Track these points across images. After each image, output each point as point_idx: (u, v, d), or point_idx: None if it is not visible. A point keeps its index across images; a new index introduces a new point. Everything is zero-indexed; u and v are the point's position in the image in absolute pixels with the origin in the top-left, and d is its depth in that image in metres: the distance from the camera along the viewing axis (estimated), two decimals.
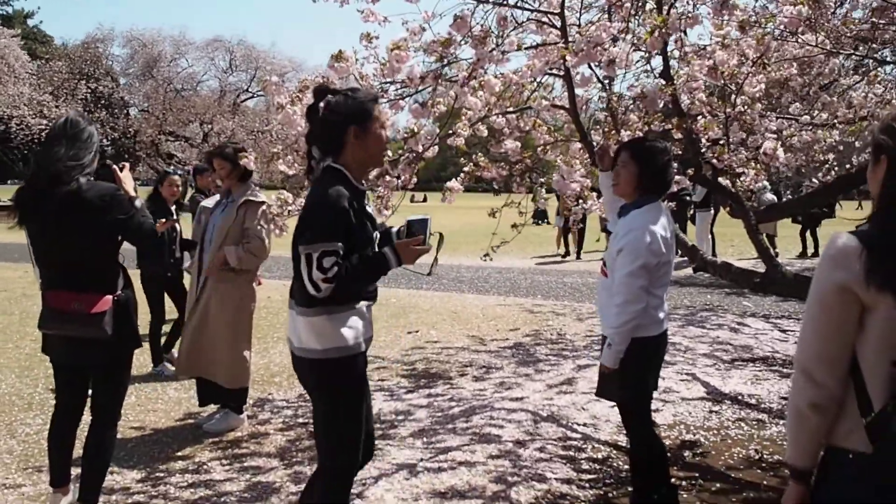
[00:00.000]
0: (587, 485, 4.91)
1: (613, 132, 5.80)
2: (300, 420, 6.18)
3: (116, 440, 4.42)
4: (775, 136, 6.11)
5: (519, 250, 19.27)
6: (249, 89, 46.78)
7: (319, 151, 3.40)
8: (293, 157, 5.27)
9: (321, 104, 3.38)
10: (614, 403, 6.42)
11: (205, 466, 5.20)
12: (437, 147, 5.63)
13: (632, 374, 4.01)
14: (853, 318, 2.18)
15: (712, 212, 16.66)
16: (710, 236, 16.88)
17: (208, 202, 6.39)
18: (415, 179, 5.59)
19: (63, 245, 4.02)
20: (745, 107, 5.76)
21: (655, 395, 4.45)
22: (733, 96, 5.86)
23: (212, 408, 6.20)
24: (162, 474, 5.07)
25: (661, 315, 4.06)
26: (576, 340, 9.39)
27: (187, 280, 6.73)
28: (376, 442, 5.45)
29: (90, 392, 4.31)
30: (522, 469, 5.10)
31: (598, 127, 6.27)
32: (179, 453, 5.46)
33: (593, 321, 10.59)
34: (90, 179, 4.03)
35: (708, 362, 8.18)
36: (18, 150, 37.75)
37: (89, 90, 40.77)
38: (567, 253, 20.02)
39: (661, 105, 5.63)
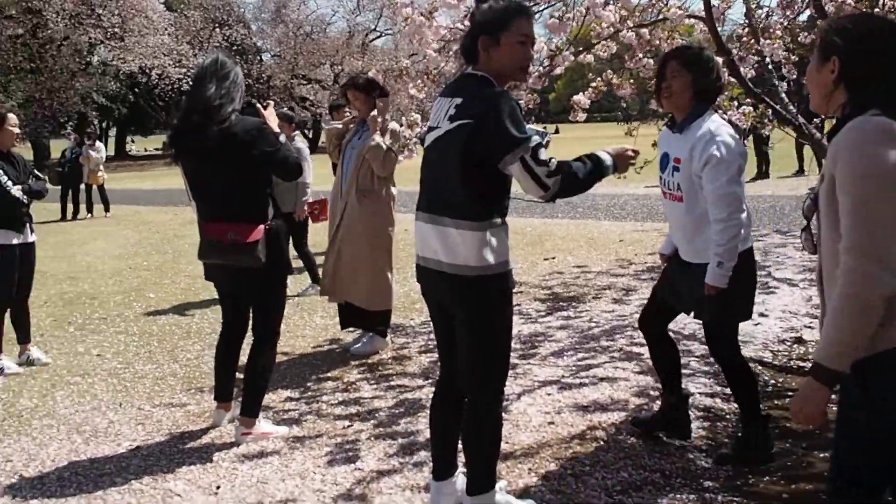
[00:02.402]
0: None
1: (753, 42, 5.61)
2: None
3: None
4: None
5: (655, 176, 18.91)
6: (377, 28, 47.13)
7: (464, 58, 3.25)
8: (423, 81, 5.30)
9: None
10: (758, 321, 6.34)
11: (353, 385, 5.41)
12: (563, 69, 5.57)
13: (743, 291, 3.80)
14: None
15: None
16: None
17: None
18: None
19: (217, 179, 4.23)
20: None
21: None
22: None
23: (356, 333, 6.41)
24: (314, 393, 5.31)
25: None
26: None
27: None
28: (518, 361, 5.60)
29: (251, 315, 4.55)
30: None
31: (736, 42, 6.07)
32: (329, 374, 5.69)
33: None
34: (238, 115, 4.21)
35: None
36: (161, 98, 39.25)
37: (224, 37, 41.82)
38: None
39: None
